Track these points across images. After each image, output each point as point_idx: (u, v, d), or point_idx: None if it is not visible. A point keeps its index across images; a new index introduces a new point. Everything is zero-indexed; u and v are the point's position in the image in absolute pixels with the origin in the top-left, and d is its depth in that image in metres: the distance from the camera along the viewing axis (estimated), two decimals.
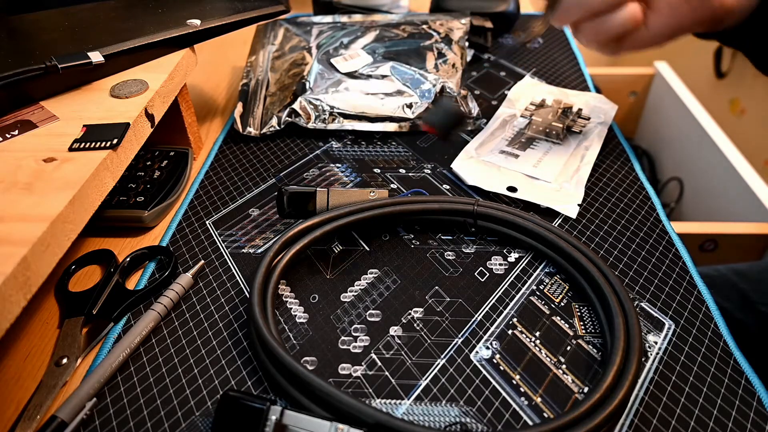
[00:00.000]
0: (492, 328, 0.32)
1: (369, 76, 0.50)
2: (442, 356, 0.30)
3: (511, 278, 0.35)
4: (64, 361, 0.30)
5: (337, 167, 0.45)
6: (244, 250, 0.37)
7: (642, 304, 0.33)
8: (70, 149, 0.33)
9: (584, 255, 0.33)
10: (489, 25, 0.60)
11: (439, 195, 0.38)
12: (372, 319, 0.33)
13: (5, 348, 0.32)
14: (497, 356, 0.30)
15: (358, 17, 0.60)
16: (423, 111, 0.33)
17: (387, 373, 0.30)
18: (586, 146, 0.45)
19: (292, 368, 0.27)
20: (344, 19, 0.60)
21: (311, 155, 0.46)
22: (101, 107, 0.37)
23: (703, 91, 1.35)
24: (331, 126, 0.48)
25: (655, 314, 0.32)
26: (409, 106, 0.48)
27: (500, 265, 0.36)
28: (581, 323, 0.32)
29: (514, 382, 0.29)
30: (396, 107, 0.48)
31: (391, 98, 0.48)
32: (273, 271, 0.33)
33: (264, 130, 0.48)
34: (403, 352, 0.31)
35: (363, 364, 0.30)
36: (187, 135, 0.46)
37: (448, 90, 0.47)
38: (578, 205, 0.39)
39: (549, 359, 0.30)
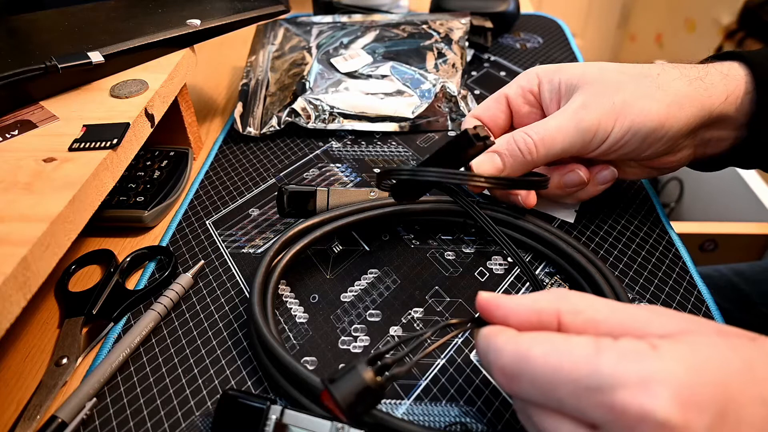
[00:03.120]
0: None
1: (369, 76, 0.50)
2: (443, 356, 0.30)
3: (511, 278, 0.35)
4: (64, 361, 0.30)
5: (337, 167, 0.45)
6: (244, 250, 0.37)
7: (642, 304, 0.33)
8: (70, 149, 0.33)
9: (584, 255, 0.33)
10: (489, 25, 0.60)
11: (439, 195, 0.38)
12: (372, 319, 0.33)
13: (5, 348, 0.32)
14: None
15: (358, 17, 0.60)
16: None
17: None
18: None
19: (292, 368, 0.27)
20: (344, 19, 0.60)
21: (311, 155, 0.46)
22: (101, 107, 0.37)
23: None
24: (331, 126, 0.48)
25: None
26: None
27: (500, 265, 0.36)
28: None
29: None
30: (396, 107, 0.48)
31: (391, 98, 0.48)
32: (273, 270, 0.33)
33: (264, 130, 0.48)
34: None
35: None
36: (187, 135, 0.46)
37: None
38: (575, 210, 0.39)
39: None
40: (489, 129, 0.39)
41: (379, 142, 0.48)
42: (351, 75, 0.50)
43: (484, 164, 0.35)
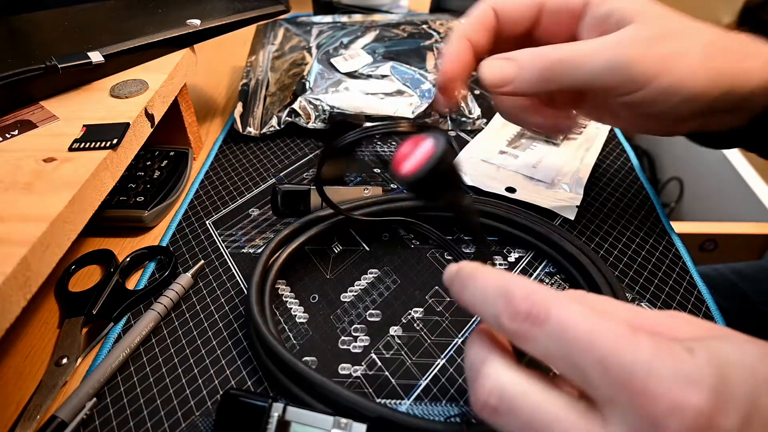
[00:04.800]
0: None
1: (369, 76, 0.50)
2: (442, 356, 0.30)
3: None
4: (64, 361, 0.30)
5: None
6: (244, 250, 0.37)
7: (642, 304, 0.33)
8: (70, 149, 0.33)
9: (584, 254, 0.33)
10: None
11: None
12: (372, 319, 0.33)
13: (5, 348, 0.32)
14: None
15: (358, 17, 0.60)
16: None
17: (387, 373, 0.30)
18: (586, 147, 0.45)
19: (291, 364, 0.27)
20: (344, 19, 0.60)
21: (311, 155, 0.46)
22: (101, 107, 0.37)
23: None
24: None
25: None
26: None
27: (500, 264, 0.36)
28: None
29: None
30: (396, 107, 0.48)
31: (391, 98, 0.48)
32: (271, 268, 0.33)
33: (264, 130, 0.48)
34: (403, 352, 0.31)
35: (363, 364, 0.30)
36: (187, 135, 0.46)
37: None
38: (576, 206, 0.39)
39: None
40: (500, 26, 0.33)
41: (379, 142, 0.48)
42: (351, 75, 0.50)
43: (492, 68, 0.30)
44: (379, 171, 0.44)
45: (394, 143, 0.47)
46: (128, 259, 0.36)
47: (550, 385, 0.19)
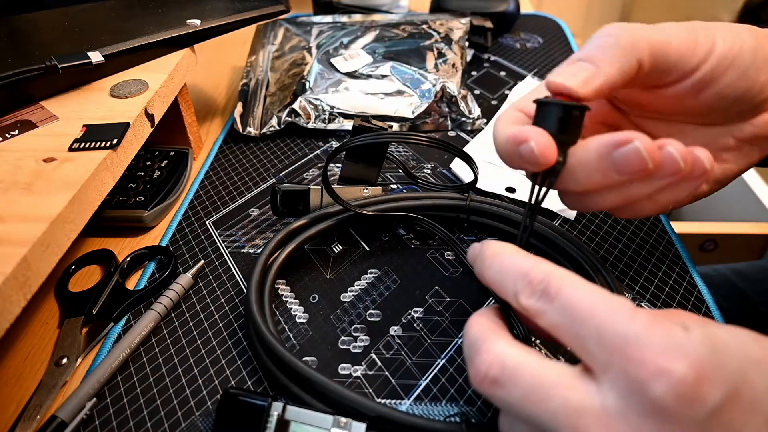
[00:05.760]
0: None
1: (369, 76, 0.50)
2: (443, 356, 0.30)
3: None
4: (64, 361, 0.30)
5: (338, 167, 0.45)
6: (244, 250, 0.37)
7: (642, 304, 0.33)
8: (70, 149, 0.33)
9: (584, 254, 0.33)
10: (489, 25, 0.60)
11: (432, 191, 0.38)
12: (372, 319, 0.33)
13: (5, 348, 0.32)
14: None
15: (358, 17, 0.60)
16: None
17: (387, 373, 0.30)
18: None
19: (290, 363, 0.27)
20: (344, 19, 0.60)
21: (311, 155, 0.46)
22: (101, 107, 0.37)
23: None
24: (331, 126, 0.48)
25: None
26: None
27: None
28: None
29: None
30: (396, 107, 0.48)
31: (391, 98, 0.48)
32: (270, 267, 0.33)
33: (264, 130, 0.48)
34: (403, 352, 0.31)
35: (363, 364, 0.30)
36: (187, 135, 0.46)
37: None
38: None
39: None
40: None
41: (392, 143, 0.48)
42: (351, 75, 0.50)
43: (571, 75, 0.24)
44: None
45: (393, 143, 0.47)
46: (128, 259, 0.36)
47: (546, 357, 0.21)
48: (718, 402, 0.16)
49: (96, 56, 0.38)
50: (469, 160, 0.34)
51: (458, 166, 0.43)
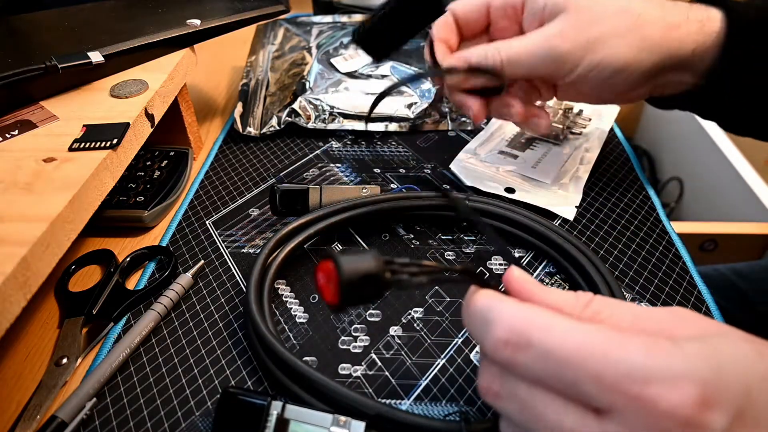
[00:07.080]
0: None
1: (369, 76, 0.50)
2: (442, 356, 0.30)
3: None
4: (64, 361, 0.30)
5: (337, 167, 0.45)
6: (244, 250, 0.37)
7: (642, 304, 0.33)
8: (70, 149, 0.33)
9: (584, 254, 0.33)
10: None
11: (430, 191, 0.38)
12: (372, 319, 0.33)
13: (5, 348, 0.32)
14: None
15: (358, 17, 0.60)
16: None
17: (387, 373, 0.30)
18: (586, 148, 0.45)
19: (290, 362, 0.27)
20: (344, 19, 0.60)
21: (311, 155, 0.46)
22: (101, 107, 0.37)
23: None
24: (331, 126, 0.48)
25: None
26: (409, 105, 0.48)
27: (500, 264, 0.36)
28: None
29: None
30: (396, 107, 0.48)
31: (391, 98, 0.48)
32: (269, 267, 0.33)
33: (264, 130, 0.48)
34: (403, 352, 0.31)
35: (363, 364, 0.30)
36: (187, 135, 0.46)
37: None
38: (575, 207, 0.39)
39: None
40: (460, 28, 0.38)
41: (379, 142, 0.48)
42: (351, 75, 0.50)
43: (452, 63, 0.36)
44: (378, 171, 0.44)
45: (392, 143, 0.47)
46: (128, 259, 0.36)
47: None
48: (725, 426, 0.16)
49: (96, 56, 0.38)
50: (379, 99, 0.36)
51: (458, 167, 0.43)
